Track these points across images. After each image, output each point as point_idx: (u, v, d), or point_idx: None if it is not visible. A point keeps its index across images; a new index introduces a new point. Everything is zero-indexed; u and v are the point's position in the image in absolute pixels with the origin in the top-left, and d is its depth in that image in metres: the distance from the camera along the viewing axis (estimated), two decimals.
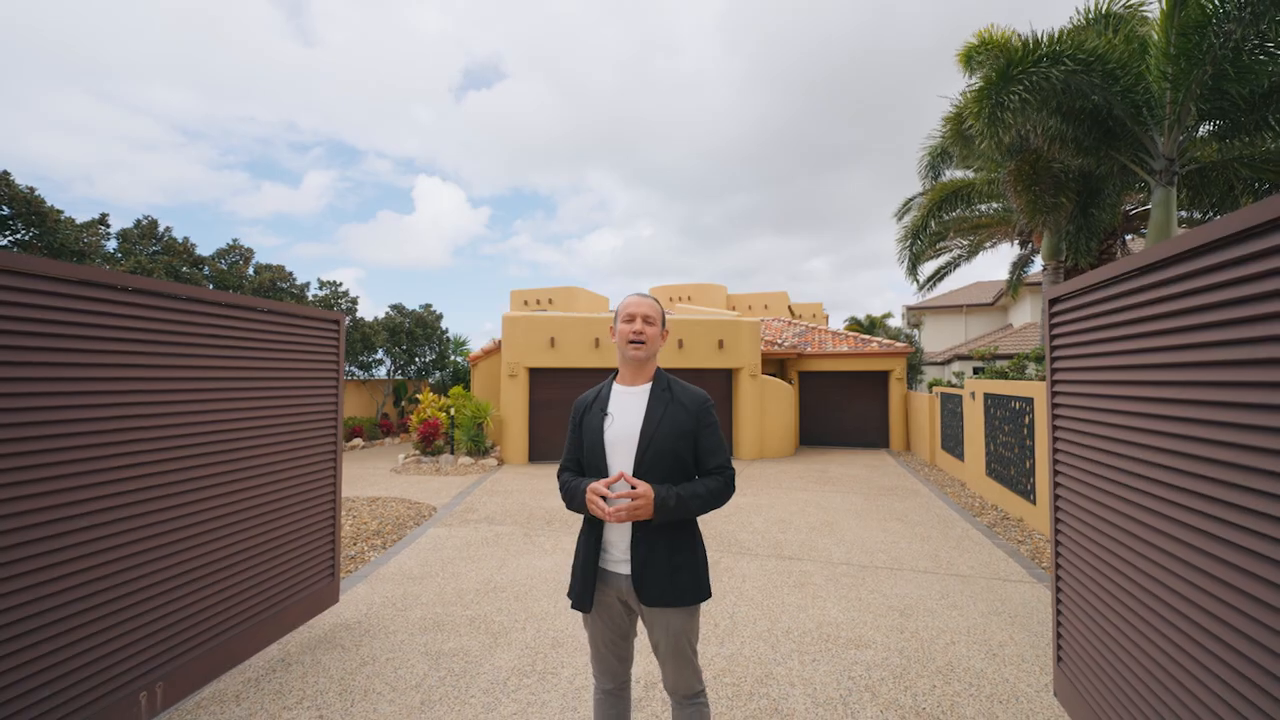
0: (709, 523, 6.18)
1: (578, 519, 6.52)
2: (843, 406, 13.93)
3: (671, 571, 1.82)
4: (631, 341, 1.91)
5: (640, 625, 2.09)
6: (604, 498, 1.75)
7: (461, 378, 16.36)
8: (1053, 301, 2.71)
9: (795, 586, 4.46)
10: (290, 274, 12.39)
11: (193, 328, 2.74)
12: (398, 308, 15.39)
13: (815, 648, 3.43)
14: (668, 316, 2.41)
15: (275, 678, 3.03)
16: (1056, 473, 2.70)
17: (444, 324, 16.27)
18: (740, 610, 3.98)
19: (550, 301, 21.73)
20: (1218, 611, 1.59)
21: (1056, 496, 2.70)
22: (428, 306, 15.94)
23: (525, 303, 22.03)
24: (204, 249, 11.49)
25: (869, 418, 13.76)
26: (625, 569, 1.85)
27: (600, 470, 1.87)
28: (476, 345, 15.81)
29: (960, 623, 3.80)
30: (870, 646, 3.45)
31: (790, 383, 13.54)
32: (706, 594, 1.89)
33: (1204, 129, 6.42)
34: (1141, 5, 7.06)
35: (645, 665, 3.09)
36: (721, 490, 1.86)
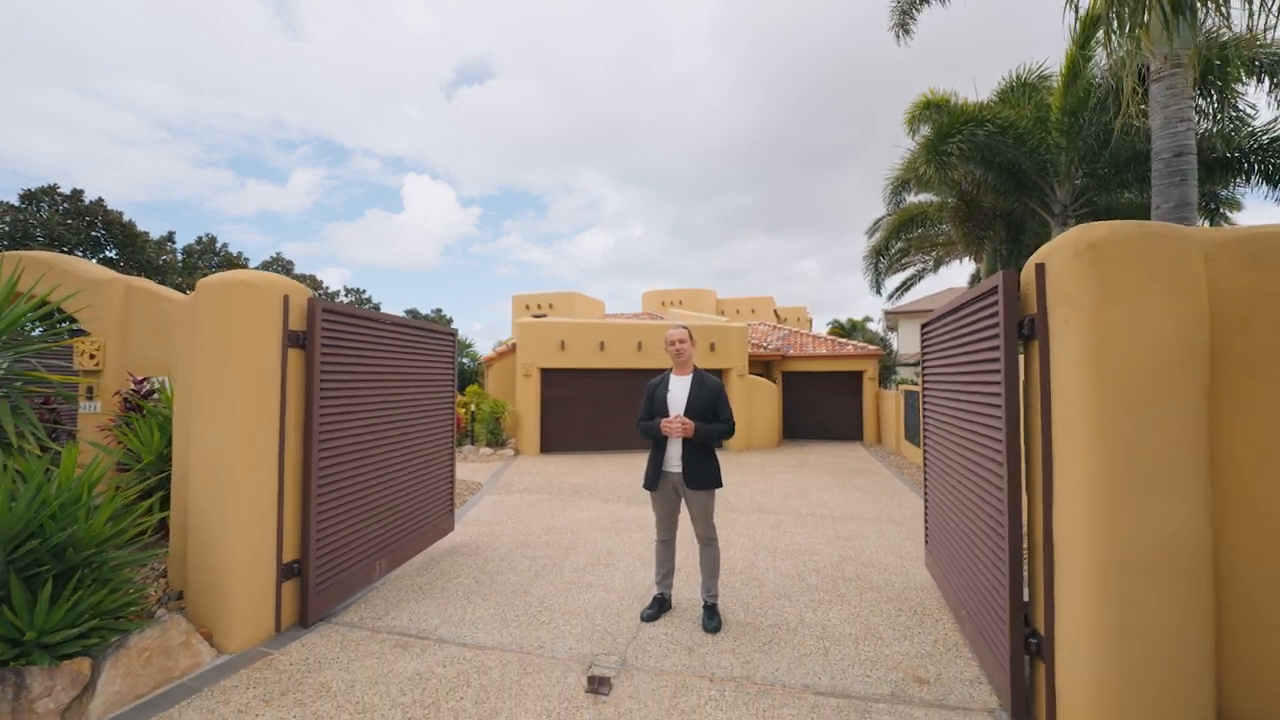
0: None
1: (600, 490, 8.41)
2: (822, 403, 15.89)
3: (704, 471, 3.66)
4: (676, 354, 3.76)
5: (684, 507, 3.90)
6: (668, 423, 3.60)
7: (467, 378, 18.04)
8: (923, 326, 4.61)
9: (772, 527, 6.34)
10: (322, 282, 14.04)
11: (395, 342, 4.52)
12: (412, 312, 17.03)
13: (783, 554, 5.30)
14: (662, 322, 4.24)
15: (433, 568, 4.81)
16: (926, 432, 4.59)
17: (452, 328, 17.93)
18: (732, 538, 5.83)
19: (551, 306, 23.51)
20: (977, 497, 3.48)
21: (926, 445, 4.59)
22: (438, 311, 17.62)
23: (527, 307, 23.79)
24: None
25: (845, 413, 15.75)
26: (677, 469, 3.69)
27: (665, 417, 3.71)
28: (472, 347, 17.48)
29: (884, 543, 5.71)
30: (820, 554, 5.33)
31: (775, 382, 15.48)
32: (720, 484, 3.73)
33: (1090, 182, 8.46)
34: (1049, 78, 9.10)
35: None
36: (728, 430, 3.70)
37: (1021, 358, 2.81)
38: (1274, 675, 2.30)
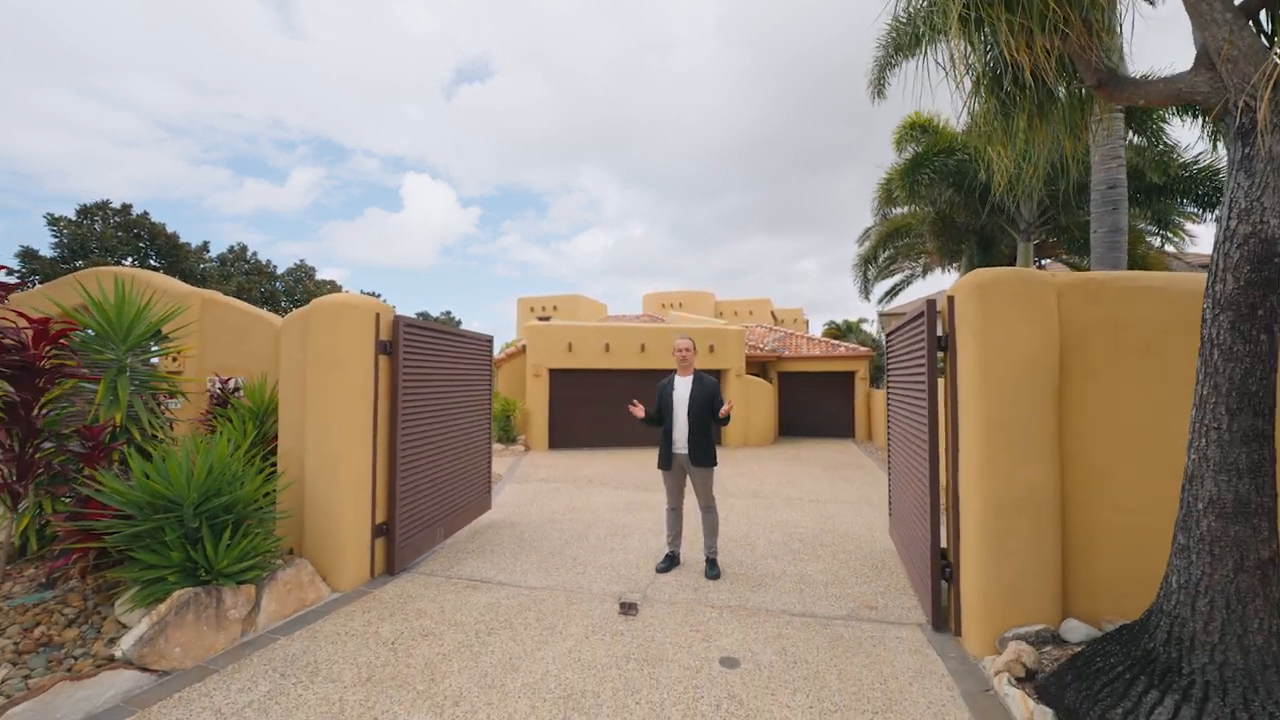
0: None
1: (610, 480, 9.45)
2: (816, 402, 16.95)
3: (704, 453, 4.71)
4: (681, 359, 4.81)
5: (688, 482, 4.94)
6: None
7: None
8: (886, 335, 5.66)
9: (764, 509, 7.39)
10: (341, 287, 15.04)
11: (452, 348, 5.55)
12: (423, 314, 18.05)
13: (772, 527, 6.36)
14: (664, 325, 5.28)
15: (479, 537, 5.85)
16: (889, 421, 5.64)
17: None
18: (731, 518, 6.87)
19: (555, 308, 24.53)
20: (914, 467, 4.53)
21: (889, 431, 5.64)
22: (447, 313, 18.64)
23: (531, 309, 24.80)
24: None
25: (838, 412, 16.81)
26: (684, 450, 4.73)
27: (672, 412, 4.74)
28: None
29: (859, 520, 6.77)
30: (803, 527, 6.39)
31: (771, 382, 16.53)
32: (716, 463, 4.77)
33: (1052, 203, 9.54)
34: None
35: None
36: (724, 422, 4.74)
37: (942, 365, 3.86)
38: (1102, 586, 3.35)
